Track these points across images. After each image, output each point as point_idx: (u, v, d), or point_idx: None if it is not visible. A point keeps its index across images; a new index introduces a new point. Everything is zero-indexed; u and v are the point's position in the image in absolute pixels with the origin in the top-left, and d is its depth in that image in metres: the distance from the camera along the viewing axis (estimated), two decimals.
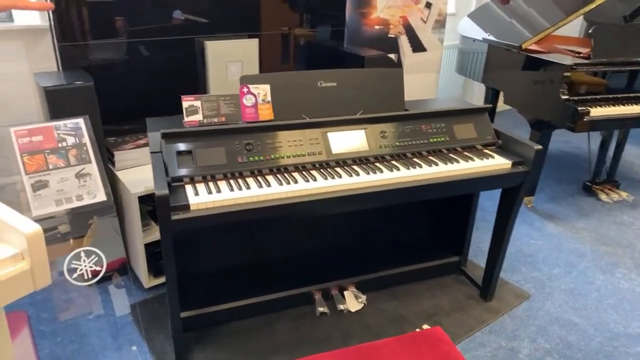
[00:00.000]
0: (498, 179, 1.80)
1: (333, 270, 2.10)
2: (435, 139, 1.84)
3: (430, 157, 1.80)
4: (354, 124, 1.77)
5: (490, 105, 1.98)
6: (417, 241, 2.29)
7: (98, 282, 2.22)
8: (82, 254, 1.46)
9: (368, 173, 1.65)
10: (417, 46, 3.25)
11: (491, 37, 3.23)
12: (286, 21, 2.66)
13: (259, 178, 1.57)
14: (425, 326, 1.96)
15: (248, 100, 1.73)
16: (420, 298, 2.14)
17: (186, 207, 1.39)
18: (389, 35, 3.12)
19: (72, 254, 1.45)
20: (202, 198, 1.43)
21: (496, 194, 1.99)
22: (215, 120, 1.70)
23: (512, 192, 1.88)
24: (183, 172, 1.51)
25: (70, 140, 1.50)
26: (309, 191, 1.54)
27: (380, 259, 2.19)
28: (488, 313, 2.06)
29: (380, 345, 1.14)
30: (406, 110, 1.95)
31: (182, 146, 1.53)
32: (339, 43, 2.86)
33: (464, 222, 2.21)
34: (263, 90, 1.76)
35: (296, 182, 1.56)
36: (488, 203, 3.03)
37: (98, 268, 1.50)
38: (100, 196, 1.48)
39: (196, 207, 1.40)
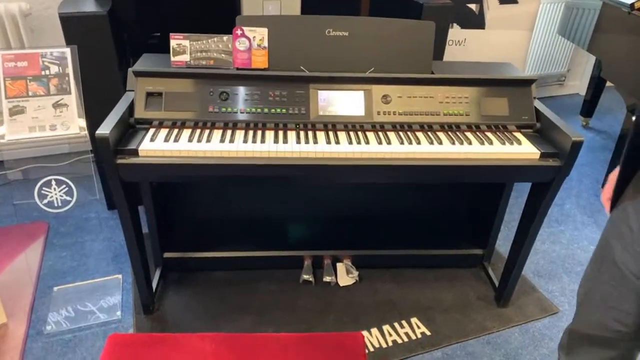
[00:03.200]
0: (520, 171, 1.46)
1: (332, 238, 1.96)
2: (450, 112, 1.54)
3: (439, 133, 1.51)
4: (353, 83, 1.54)
5: (536, 78, 1.58)
6: (436, 223, 2.02)
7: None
8: (53, 182, 1.50)
9: (351, 142, 1.44)
10: None
11: None
12: None
13: (227, 132, 1.45)
14: (413, 320, 1.76)
15: (241, 44, 1.58)
16: (423, 287, 1.91)
17: (134, 152, 1.33)
18: None
19: (43, 180, 1.50)
20: (155, 145, 1.36)
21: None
22: (204, 62, 1.59)
23: (541, 188, 1.52)
24: (149, 115, 1.44)
25: (54, 69, 1.51)
26: (276, 154, 1.39)
27: (388, 235, 1.98)
28: (496, 320, 1.78)
29: (276, 339, 1.01)
30: (432, 73, 1.65)
31: (153, 87, 1.45)
32: None
33: (492, 211, 1.88)
34: (259, 34, 1.59)
35: (263, 141, 1.41)
36: None
37: (68, 198, 1.54)
38: (74, 128, 1.48)
39: (145, 153, 1.34)
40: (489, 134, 1.52)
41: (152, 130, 1.42)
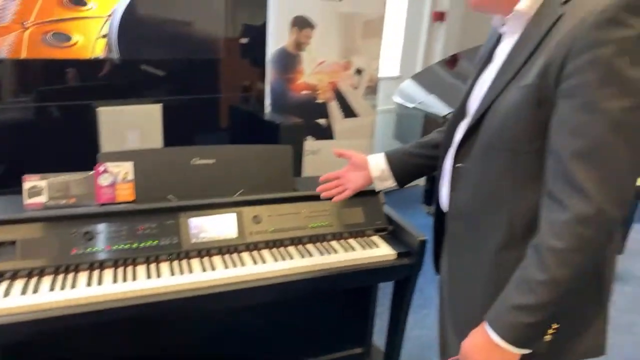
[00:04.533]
0: (382, 272, 1.63)
1: None
2: (316, 225, 1.68)
3: (307, 246, 1.63)
4: (224, 207, 1.61)
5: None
6: (316, 330, 2.08)
7: None
8: None
9: (227, 267, 1.48)
10: (348, 112, 3.17)
11: (423, 106, 3.17)
12: (197, 86, 2.56)
13: (94, 273, 1.38)
14: None
15: (105, 180, 1.57)
16: None
17: None
18: (318, 101, 3.03)
19: None
20: (8, 302, 1.23)
21: None
22: (64, 202, 1.53)
23: (402, 284, 1.70)
24: (1, 267, 1.31)
25: None
26: (149, 291, 1.35)
27: (273, 350, 1.97)
28: None
29: None
30: (294, 190, 1.80)
31: (3, 236, 1.34)
32: (258, 109, 2.75)
33: (364, 310, 2.02)
34: (124, 169, 1.60)
35: (135, 279, 1.38)
36: None
37: None
38: None
39: None
40: (351, 241, 1.69)
41: (4, 285, 1.29)
